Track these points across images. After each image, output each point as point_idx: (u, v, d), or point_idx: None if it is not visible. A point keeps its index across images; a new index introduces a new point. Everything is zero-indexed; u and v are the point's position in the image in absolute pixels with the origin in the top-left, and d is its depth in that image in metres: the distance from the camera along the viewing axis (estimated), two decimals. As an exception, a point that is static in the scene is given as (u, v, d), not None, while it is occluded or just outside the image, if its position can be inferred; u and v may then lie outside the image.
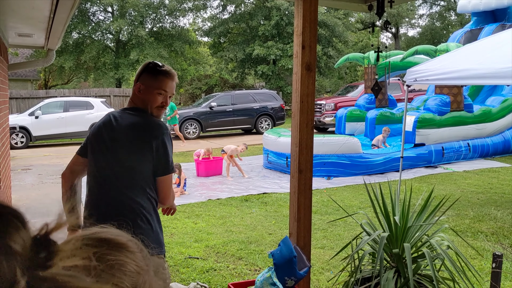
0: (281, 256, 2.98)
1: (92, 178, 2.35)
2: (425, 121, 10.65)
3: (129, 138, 2.29)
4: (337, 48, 28.90)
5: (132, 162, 2.27)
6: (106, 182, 2.28)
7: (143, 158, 2.26)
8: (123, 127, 2.32)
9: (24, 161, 12.85)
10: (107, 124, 2.38)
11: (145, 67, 2.40)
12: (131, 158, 2.27)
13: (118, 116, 2.38)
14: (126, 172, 2.26)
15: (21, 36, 5.90)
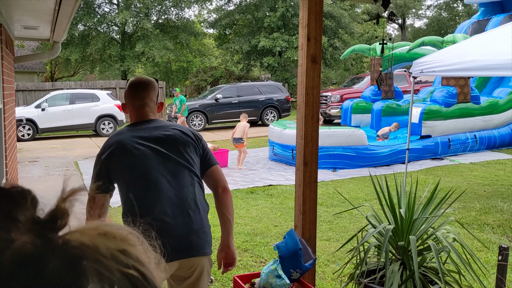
0: (286, 248, 2.98)
1: (136, 185, 2.19)
2: (431, 113, 10.59)
3: (172, 138, 2.26)
4: (343, 39, 28.75)
5: (186, 159, 2.27)
6: (161, 183, 2.17)
7: (193, 154, 2.29)
8: (156, 131, 2.28)
9: (31, 153, 12.92)
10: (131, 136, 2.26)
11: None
12: (183, 155, 2.26)
13: (133, 129, 2.30)
14: (182, 170, 2.24)
15: (27, 28, 5.91)
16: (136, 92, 2.36)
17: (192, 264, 2.20)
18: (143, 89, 2.36)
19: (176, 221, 2.13)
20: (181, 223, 2.14)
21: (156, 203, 2.12)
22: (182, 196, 2.20)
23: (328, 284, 4.34)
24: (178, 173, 2.22)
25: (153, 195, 2.13)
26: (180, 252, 2.13)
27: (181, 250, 2.14)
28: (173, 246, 2.08)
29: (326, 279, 4.46)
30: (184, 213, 2.18)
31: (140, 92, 2.35)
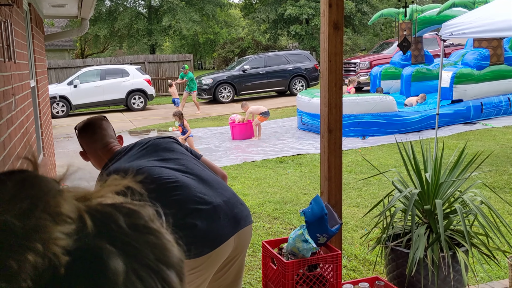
0: (312, 214, 3.05)
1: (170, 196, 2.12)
2: (462, 76, 10.33)
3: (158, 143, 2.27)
4: (371, 4, 28.05)
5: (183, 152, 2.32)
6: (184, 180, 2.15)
7: (182, 147, 2.36)
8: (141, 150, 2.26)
9: (66, 130, 13.31)
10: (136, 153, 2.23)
11: None
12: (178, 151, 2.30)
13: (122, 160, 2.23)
14: (190, 161, 2.28)
15: (55, 6, 6.02)
16: (94, 135, 2.28)
17: (245, 235, 2.22)
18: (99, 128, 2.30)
19: (217, 201, 2.14)
20: (221, 202, 2.15)
21: (191, 197, 2.10)
22: (208, 180, 2.21)
23: (357, 249, 4.42)
24: (189, 165, 2.23)
25: (184, 192, 2.10)
26: (233, 227, 2.14)
27: (233, 225, 2.15)
28: (225, 224, 2.11)
29: (355, 244, 4.54)
30: (218, 193, 2.19)
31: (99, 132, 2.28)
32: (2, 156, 2.47)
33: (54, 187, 0.41)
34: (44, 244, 0.36)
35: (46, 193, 0.40)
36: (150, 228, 0.43)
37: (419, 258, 3.03)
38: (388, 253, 3.32)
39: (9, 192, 0.39)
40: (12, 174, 0.42)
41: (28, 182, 0.41)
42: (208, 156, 8.92)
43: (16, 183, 0.40)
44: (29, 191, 0.40)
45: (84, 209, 0.40)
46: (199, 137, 10.87)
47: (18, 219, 0.37)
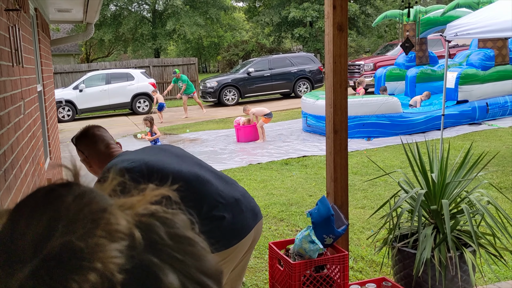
0: (318, 214, 3.06)
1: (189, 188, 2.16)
2: (468, 77, 10.31)
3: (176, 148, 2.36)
4: (375, 5, 28.04)
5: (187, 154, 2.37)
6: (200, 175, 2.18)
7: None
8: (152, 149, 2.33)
9: (72, 133, 13.32)
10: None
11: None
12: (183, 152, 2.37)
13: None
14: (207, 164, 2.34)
15: (61, 11, 6.07)
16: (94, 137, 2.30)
17: (260, 228, 2.31)
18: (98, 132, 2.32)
19: (237, 195, 2.20)
20: (240, 196, 2.22)
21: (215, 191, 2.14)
22: (222, 176, 2.28)
23: (363, 250, 4.41)
24: (203, 163, 2.29)
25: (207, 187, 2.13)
26: (253, 219, 2.23)
27: (253, 217, 2.24)
28: (248, 216, 2.19)
29: (361, 245, 4.53)
30: (234, 187, 2.25)
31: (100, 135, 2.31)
32: (10, 159, 2.50)
33: (109, 202, 0.41)
34: (103, 263, 0.36)
35: (104, 210, 0.39)
36: (187, 238, 0.43)
37: (426, 258, 3.03)
38: (395, 254, 3.32)
39: (71, 210, 0.39)
40: (68, 187, 0.41)
41: (87, 198, 0.40)
42: (214, 158, 8.94)
43: (75, 198, 0.40)
44: (89, 207, 0.39)
45: (133, 223, 0.40)
46: (204, 140, 10.89)
47: (81, 239, 0.37)
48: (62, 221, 0.38)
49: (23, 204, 0.41)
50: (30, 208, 0.40)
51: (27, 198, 0.41)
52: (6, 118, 2.46)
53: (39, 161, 3.88)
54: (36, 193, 0.41)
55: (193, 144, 10.57)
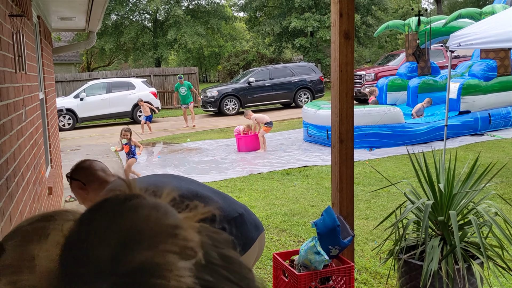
0: (324, 225, 3.01)
1: None
2: (470, 88, 10.30)
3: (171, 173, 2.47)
4: (376, 16, 28.14)
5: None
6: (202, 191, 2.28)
7: None
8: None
9: (72, 142, 13.33)
10: None
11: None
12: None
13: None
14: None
15: (63, 19, 6.06)
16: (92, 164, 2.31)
17: (264, 239, 2.36)
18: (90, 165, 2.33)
19: (240, 210, 2.27)
20: (243, 210, 2.29)
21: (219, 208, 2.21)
22: (221, 194, 2.35)
23: (367, 262, 4.35)
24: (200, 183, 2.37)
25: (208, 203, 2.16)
26: (256, 231, 2.29)
27: (256, 229, 2.29)
28: (251, 229, 2.25)
29: (365, 257, 4.47)
30: (234, 203, 2.33)
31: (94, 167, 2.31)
32: (12, 167, 2.46)
33: (180, 216, 0.39)
34: (178, 282, 0.34)
35: (179, 225, 0.37)
36: (234, 258, 0.41)
37: (434, 270, 2.97)
38: (401, 266, 3.27)
39: (150, 223, 0.36)
40: (141, 198, 0.39)
41: (162, 211, 0.38)
42: (214, 168, 8.89)
43: (151, 210, 0.37)
44: (166, 221, 0.37)
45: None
46: (205, 149, 10.85)
47: (160, 256, 0.35)
48: (141, 235, 0.35)
49: (98, 211, 0.38)
50: (107, 217, 0.37)
51: (102, 204, 0.38)
52: (8, 125, 2.42)
53: (40, 169, 3.84)
54: (111, 200, 0.38)
55: (193, 153, 10.53)
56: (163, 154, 10.69)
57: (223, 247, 0.41)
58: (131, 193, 0.39)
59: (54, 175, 5.18)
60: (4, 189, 2.19)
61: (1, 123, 2.21)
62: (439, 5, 35.68)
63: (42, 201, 3.71)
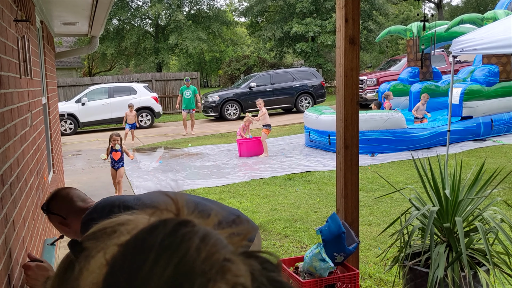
0: (329, 232, 2.98)
1: None
2: (472, 93, 10.28)
3: None
4: (377, 21, 28.17)
5: None
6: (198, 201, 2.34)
7: None
8: None
9: (73, 147, 13.32)
10: None
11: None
12: None
13: None
14: None
15: (66, 24, 6.06)
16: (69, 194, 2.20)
17: (259, 238, 2.38)
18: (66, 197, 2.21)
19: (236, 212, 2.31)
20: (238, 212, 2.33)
21: None
22: (213, 200, 2.39)
23: (371, 268, 4.32)
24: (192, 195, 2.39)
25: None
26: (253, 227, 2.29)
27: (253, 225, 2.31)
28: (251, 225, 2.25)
29: (369, 263, 4.44)
30: (228, 207, 2.35)
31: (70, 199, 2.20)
32: (16, 173, 2.44)
33: (230, 247, 0.37)
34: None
35: (229, 258, 0.35)
36: (281, 282, 0.39)
37: (440, 277, 2.95)
38: (406, 273, 3.24)
39: (200, 256, 0.34)
40: (191, 226, 0.37)
41: (212, 242, 0.36)
42: (216, 173, 8.87)
43: (201, 241, 0.36)
44: (216, 254, 0.35)
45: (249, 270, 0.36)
46: (206, 154, 10.83)
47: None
48: (191, 274, 0.33)
49: (146, 240, 0.36)
50: (156, 248, 0.34)
51: (151, 232, 0.36)
52: (12, 131, 2.40)
53: (43, 174, 3.82)
54: (160, 228, 0.36)
55: (195, 158, 10.51)
56: (164, 159, 10.67)
57: (272, 271, 0.39)
58: (181, 219, 0.37)
59: (56, 180, 5.16)
60: (8, 195, 2.17)
61: (5, 129, 2.20)
62: (440, 11, 35.76)
63: (44, 206, 3.68)
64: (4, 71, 2.29)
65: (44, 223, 3.60)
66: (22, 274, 2.31)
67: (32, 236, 2.85)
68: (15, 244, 2.24)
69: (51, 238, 3.63)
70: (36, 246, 2.98)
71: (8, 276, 2.03)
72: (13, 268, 2.15)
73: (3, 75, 2.24)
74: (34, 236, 2.95)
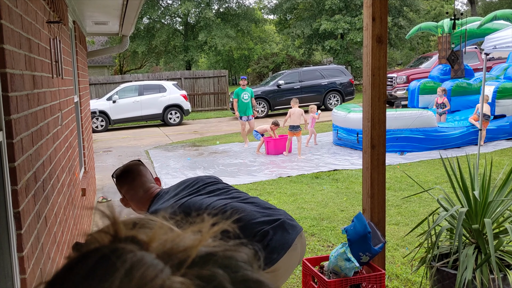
0: (355, 232, 2.97)
1: None
2: (505, 91, 10.02)
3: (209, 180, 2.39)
4: (408, 17, 27.72)
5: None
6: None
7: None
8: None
9: (104, 144, 13.59)
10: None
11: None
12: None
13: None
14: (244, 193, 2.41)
15: (97, 24, 6.19)
16: (134, 181, 2.30)
17: (304, 238, 2.37)
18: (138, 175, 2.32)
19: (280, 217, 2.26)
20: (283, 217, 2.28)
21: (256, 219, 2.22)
22: (260, 203, 2.32)
23: (398, 269, 4.28)
24: (240, 194, 2.34)
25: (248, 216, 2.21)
26: (294, 232, 2.28)
27: (294, 229, 2.30)
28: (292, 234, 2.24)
29: (396, 264, 4.40)
30: (275, 211, 2.31)
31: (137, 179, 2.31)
32: (48, 170, 2.52)
33: (164, 273, 0.34)
34: None
35: (160, 285, 0.33)
36: (254, 281, 0.37)
37: (468, 280, 2.90)
38: (434, 274, 3.20)
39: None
40: (118, 253, 0.35)
41: (140, 271, 0.34)
42: (243, 170, 8.91)
43: (127, 272, 0.33)
44: (144, 284, 0.33)
45: (193, 284, 0.34)
46: (234, 152, 10.89)
47: None
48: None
49: (69, 275, 0.34)
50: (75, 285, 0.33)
51: (67, 273, 0.35)
52: (45, 129, 2.48)
53: (75, 171, 3.93)
54: (78, 267, 0.35)
55: (223, 156, 10.58)
56: (192, 156, 10.79)
57: (241, 270, 0.37)
58: (107, 248, 0.35)
59: (87, 177, 5.29)
60: (41, 191, 2.24)
61: (38, 127, 2.27)
62: (473, 6, 34.89)
63: (76, 202, 3.79)
64: (37, 71, 2.37)
65: (75, 218, 3.70)
66: (53, 268, 2.39)
67: (64, 231, 2.94)
68: (47, 239, 2.32)
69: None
70: (68, 241, 3.07)
71: (40, 270, 2.10)
72: (45, 262, 2.23)
73: (36, 75, 2.32)
74: (66, 231, 3.04)
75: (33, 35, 2.32)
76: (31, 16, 2.31)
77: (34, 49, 2.32)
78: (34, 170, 2.09)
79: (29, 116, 2.08)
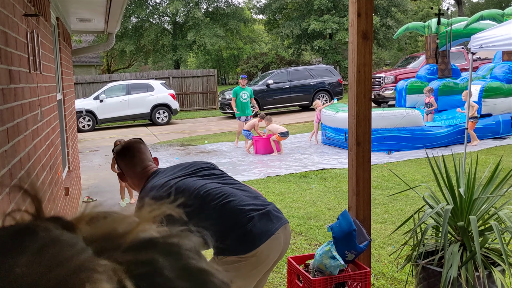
0: (340, 229, 2.95)
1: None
2: (491, 90, 10.09)
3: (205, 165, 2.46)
4: (396, 18, 27.87)
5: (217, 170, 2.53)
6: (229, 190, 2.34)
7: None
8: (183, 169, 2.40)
9: (91, 143, 13.46)
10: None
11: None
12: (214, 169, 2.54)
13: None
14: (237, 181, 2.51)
15: (82, 21, 6.11)
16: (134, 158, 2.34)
17: (289, 231, 2.38)
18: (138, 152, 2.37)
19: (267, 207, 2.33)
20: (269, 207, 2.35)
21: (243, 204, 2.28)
22: (250, 190, 2.43)
23: (384, 267, 4.27)
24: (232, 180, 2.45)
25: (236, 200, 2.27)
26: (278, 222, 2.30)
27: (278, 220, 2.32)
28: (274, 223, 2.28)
29: (382, 262, 4.39)
30: (262, 200, 2.38)
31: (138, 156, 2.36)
32: (26, 167, 2.46)
33: (85, 254, 0.31)
34: None
35: (77, 269, 0.29)
36: (199, 270, 0.34)
37: (453, 277, 2.89)
38: (419, 272, 3.19)
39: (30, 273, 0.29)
40: (31, 233, 0.32)
41: (51, 253, 0.31)
42: (232, 170, 8.87)
43: (33, 254, 0.30)
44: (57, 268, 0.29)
45: (123, 269, 0.31)
46: (222, 151, 10.84)
47: None
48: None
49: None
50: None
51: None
52: (23, 125, 2.42)
53: (57, 170, 3.86)
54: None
55: (211, 155, 10.53)
56: (180, 156, 10.72)
57: (185, 258, 0.34)
58: (22, 224, 0.33)
59: (72, 176, 5.21)
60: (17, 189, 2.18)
61: (15, 123, 2.22)
62: (460, 7, 35.18)
63: (58, 201, 3.72)
64: (15, 66, 2.31)
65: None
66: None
67: (44, 230, 2.87)
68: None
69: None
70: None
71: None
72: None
73: (13, 70, 2.26)
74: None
75: (10, 28, 2.26)
76: (8, 9, 2.25)
77: (11, 43, 2.27)
78: (9, 166, 2.03)
79: (5, 111, 2.02)
